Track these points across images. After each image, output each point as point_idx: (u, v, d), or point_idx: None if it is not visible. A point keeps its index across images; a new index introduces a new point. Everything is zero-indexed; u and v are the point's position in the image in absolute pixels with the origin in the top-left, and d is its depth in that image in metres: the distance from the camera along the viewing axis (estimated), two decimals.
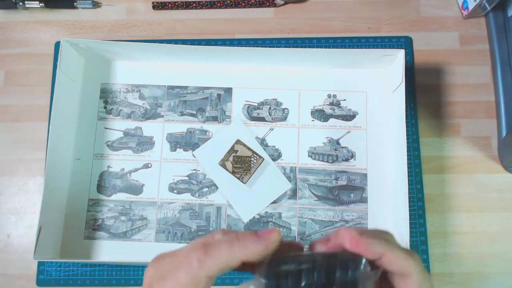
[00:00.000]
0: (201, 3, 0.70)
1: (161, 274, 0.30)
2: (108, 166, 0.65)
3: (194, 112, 0.66)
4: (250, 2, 0.70)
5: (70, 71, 0.63)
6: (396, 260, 0.29)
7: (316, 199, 0.63)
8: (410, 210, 0.61)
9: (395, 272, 0.30)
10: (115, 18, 0.71)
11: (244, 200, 0.63)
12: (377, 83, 0.67)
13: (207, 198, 0.64)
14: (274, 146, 0.65)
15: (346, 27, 0.70)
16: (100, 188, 0.64)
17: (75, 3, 0.70)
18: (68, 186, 0.64)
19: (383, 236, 0.30)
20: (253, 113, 0.66)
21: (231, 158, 0.64)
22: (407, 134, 0.63)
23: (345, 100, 0.66)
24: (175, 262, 0.30)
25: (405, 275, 0.29)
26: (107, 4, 0.71)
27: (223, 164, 0.64)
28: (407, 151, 0.60)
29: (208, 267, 0.29)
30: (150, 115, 0.66)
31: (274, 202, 0.64)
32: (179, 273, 0.29)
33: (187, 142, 0.66)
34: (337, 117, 0.66)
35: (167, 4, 0.70)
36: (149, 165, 0.65)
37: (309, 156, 0.65)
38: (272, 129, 0.66)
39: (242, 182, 0.63)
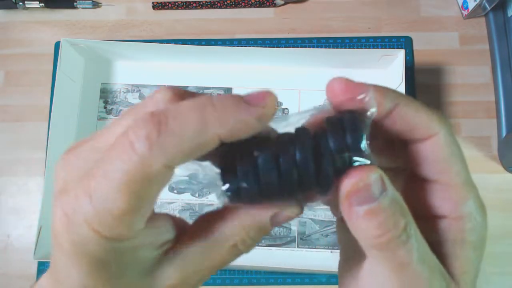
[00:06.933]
0: (201, 3, 0.70)
1: (81, 168, 0.19)
2: None
3: None
4: (250, 2, 0.70)
5: (70, 71, 0.63)
6: (413, 114, 0.21)
7: None
8: None
9: (410, 133, 0.22)
10: (115, 18, 0.71)
11: None
12: (377, 83, 0.66)
13: (207, 198, 0.64)
14: None
15: (346, 27, 0.70)
16: None
17: (75, 3, 0.70)
18: None
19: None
20: None
21: None
22: None
23: None
24: (104, 147, 0.18)
25: (425, 134, 0.22)
26: (107, 4, 0.71)
27: None
28: None
29: (164, 152, 0.17)
30: None
31: None
32: (112, 164, 0.17)
33: None
34: None
35: (167, 4, 0.70)
36: None
37: None
38: None
39: None
